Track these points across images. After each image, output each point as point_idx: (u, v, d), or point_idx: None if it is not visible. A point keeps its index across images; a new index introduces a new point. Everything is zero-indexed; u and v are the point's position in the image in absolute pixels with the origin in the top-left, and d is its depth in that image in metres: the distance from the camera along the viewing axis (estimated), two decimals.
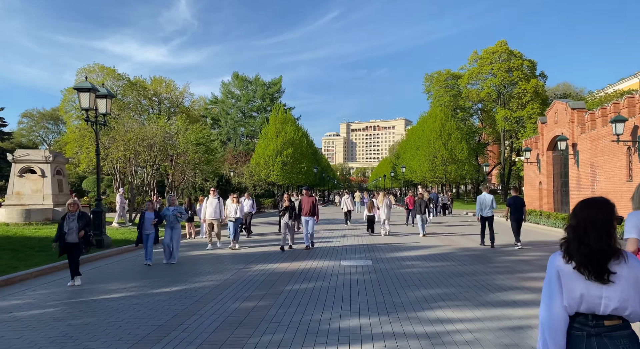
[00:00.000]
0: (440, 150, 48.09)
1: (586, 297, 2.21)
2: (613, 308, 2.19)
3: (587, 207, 2.34)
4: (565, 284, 2.26)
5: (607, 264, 2.20)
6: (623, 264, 2.20)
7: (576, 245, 2.26)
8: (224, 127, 67.85)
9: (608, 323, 2.21)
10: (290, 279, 8.45)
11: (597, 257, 2.20)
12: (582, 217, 2.30)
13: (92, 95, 12.61)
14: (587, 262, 2.21)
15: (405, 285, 7.90)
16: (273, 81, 69.09)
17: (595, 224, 2.25)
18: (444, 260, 10.75)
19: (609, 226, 2.26)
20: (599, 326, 2.21)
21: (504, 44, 54.46)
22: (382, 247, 13.15)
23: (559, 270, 2.30)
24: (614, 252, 2.21)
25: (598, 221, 2.26)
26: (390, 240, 15.24)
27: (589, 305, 2.22)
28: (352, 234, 17.84)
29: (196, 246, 14.36)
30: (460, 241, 14.82)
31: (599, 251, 2.21)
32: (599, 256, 2.20)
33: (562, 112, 26.35)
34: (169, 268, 10.23)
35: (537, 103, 50.74)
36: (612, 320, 2.21)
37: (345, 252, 12.21)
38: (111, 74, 62.49)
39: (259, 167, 51.30)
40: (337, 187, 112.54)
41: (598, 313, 2.21)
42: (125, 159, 19.57)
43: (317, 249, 12.96)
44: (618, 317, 2.21)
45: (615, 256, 2.21)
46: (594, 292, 2.20)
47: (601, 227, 2.25)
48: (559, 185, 28.09)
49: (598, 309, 2.21)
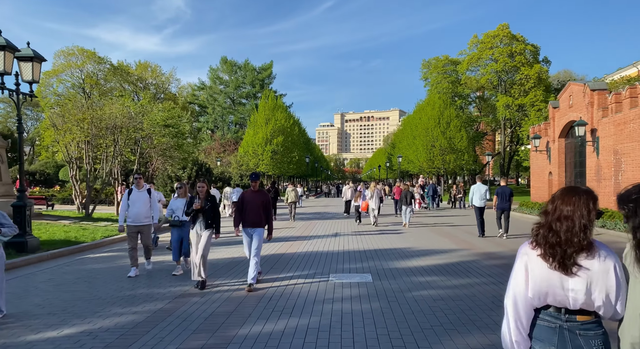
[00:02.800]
0: (439, 139, 45.52)
1: (551, 288, 2.17)
2: (582, 302, 2.14)
3: (567, 195, 2.25)
4: (531, 272, 2.20)
5: (575, 255, 2.14)
6: (596, 258, 2.14)
7: (545, 232, 2.22)
8: (212, 115, 64.66)
9: (580, 318, 2.16)
10: (251, 314, 5.68)
11: (564, 248, 2.15)
12: (558, 204, 2.24)
13: (9, 55, 9.62)
14: (553, 250, 2.17)
15: (429, 324, 5.23)
16: (263, 66, 65.83)
17: (569, 214, 2.19)
18: (469, 274, 8.09)
19: (585, 218, 2.17)
20: (571, 321, 2.17)
21: (505, 28, 51.67)
22: (383, 253, 10.48)
23: (527, 259, 2.24)
24: (584, 246, 2.15)
25: (574, 211, 2.18)
26: (392, 242, 12.58)
27: (557, 297, 2.17)
28: (345, 231, 15.18)
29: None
30: (477, 243, 12.20)
31: (567, 242, 2.15)
32: (567, 246, 2.15)
33: (578, 94, 23.73)
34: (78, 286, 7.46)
35: (540, 90, 48.16)
36: (584, 315, 2.16)
37: (336, 260, 9.52)
38: (92, 57, 58.98)
39: (247, 156, 48.49)
40: (331, 178, 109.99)
41: (569, 307, 2.16)
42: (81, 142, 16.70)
43: (301, 256, 10.26)
44: (590, 313, 2.17)
45: (586, 249, 2.15)
46: (558, 283, 2.15)
47: (576, 218, 2.17)
48: (573, 175, 25.57)
49: (568, 303, 2.16)
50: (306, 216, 22.26)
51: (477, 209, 13.82)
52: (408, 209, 16.80)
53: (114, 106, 17.77)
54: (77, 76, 60.55)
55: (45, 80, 57.92)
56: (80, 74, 60.76)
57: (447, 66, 59.88)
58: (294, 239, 13.35)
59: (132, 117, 17.28)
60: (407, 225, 16.62)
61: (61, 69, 58.07)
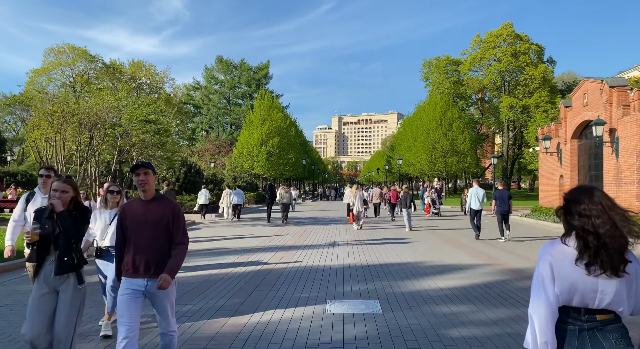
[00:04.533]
0: (441, 140, 43.94)
1: (582, 290, 2.06)
2: (607, 302, 2.06)
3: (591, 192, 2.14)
4: (560, 276, 2.09)
5: (626, 254, 2.05)
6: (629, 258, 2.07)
7: (604, 238, 2.02)
8: (206, 115, 62.89)
9: (600, 317, 2.09)
10: None
11: (623, 248, 2.05)
12: (598, 203, 2.08)
13: None
14: (608, 255, 2.01)
15: None
16: (260, 66, 64.14)
17: (615, 210, 2.07)
18: (505, 302, 6.37)
19: (624, 210, 2.10)
20: (591, 321, 2.09)
21: (509, 27, 50.21)
22: (391, 269, 8.76)
23: (552, 261, 2.11)
24: (628, 240, 2.06)
25: (616, 206, 2.09)
26: (399, 254, 10.88)
27: (583, 298, 2.08)
28: (344, 240, 13.47)
29: None
30: (500, 256, 10.50)
31: (625, 241, 2.05)
32: (625, 246, 2.05)
33: (594, 92, 22.12)
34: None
35: (545, 90, 46.69)
36: (604, 314, 2.09)
37: (334, 280, 7.80)
38: (83, 55, 57.20)
39: (242, 157, 46.76)
40: (329, 181, 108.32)
41: (591, 307, 2.08)
42: (51, 139, 14.98)
43: (292, 272, 8.55)
44: (610, 311, 2.09)
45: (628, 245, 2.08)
46: (590, 286, 2.05)
47: (620, 211, 2.07)
48: (587, 179, 23.95)
49: (592, 304, 2.08)
50: (301, 221, 20.55)
51: (474, 212, 13.88)
52: (407, 212, 16.39)
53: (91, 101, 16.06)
54: (67, 75, 58.82)
55: (34, 78, 56.14)
56: (71, 73, 59.05)
57: (449, 66, 58.37)
58: (286, 249, 11.64)
59: (108, 111, 15.55)
60: (410, 229, 16.14)
61: (51, 67, 56.27)
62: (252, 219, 22.38)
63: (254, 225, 18.81)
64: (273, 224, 19.29)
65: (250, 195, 37.61)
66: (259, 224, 19.41)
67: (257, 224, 19.40)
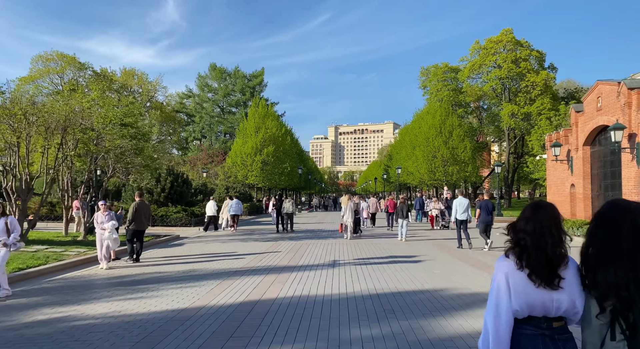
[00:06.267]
0: (441, 149, 42.47)
1: (540, 302, 2.22)
2: (564, 310, 2.22)
3: (539, 210, 2.31)
4: (516, 290, 2.23)
5: (558, 270, 2.22)
6: (569, 268, 2.24)
7: (533, 252, 2.23)
8: (199, 123, 61.17)
9: (556, 324, 2.24)
10: None
11: (552, 264, 2.21)
12: (537, 222, 2.27)
13: None
14: (541, 269, 2.21)
15: None
16: (254, 73, 62.66)
17: (550, 230, 2.25)
18: None
19: (561, 230, 2.27)
20: (549, 328, 2.23)
21: (509, 33, 49.13)
22: (407, 300, 7.05)
23: (507, 275, 2.26)
24: (565, 257, 2.24)
25: (553, 226, 2.25)
26: (413, 276, 9.17)
27: (542, 308, 2.23)
28: (345, 258, 11.73)
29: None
30: None
31: (555, 258, 2.22)
32: (554, 262, 2.22)
33: (610, 95, 20.66)
34: None
35: (547, 97, 45.41)
36: (559, 321, 2.25)
37: (337, 319, 6.07)
38: (72, 63, 55.54)
39: (235, 167, 45.02)
40: (325, 191, 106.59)
41: (550, 315, 2.23)
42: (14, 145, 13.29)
43: (283, 307, 6.84)
44: (562, 318, 2.25)
45: (565, 261, 2.23)
46: (546, 297, 2.21)
47: (556, 232, 2.25)
48: (601, 188, 22.39)
49: (551, 312, 2.23)
50: (297, 235, 18.79)
51: (460, 222, 14.12)
52: (404, 223, 16.27)
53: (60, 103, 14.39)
54: (56, 83, 57.11)
55: (21, 86, 54.28)
56: (59, 81, 57.35)
57: (447, 74, 57.18)
58: (278, 270, 9.90)
59: (82, 113, 13.84)
60: (404, 239, 16.16)
61: (38, 75, 54.55)
62: (245, 231, 20.64)
63: (244, 240, 17.06)
64: (266, 238, 17.55)
65: (243, 206, 35.82)
66: (249, 238, 17.64)
67: (247, 238, 17.64)
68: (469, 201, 14.73)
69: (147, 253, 13.09)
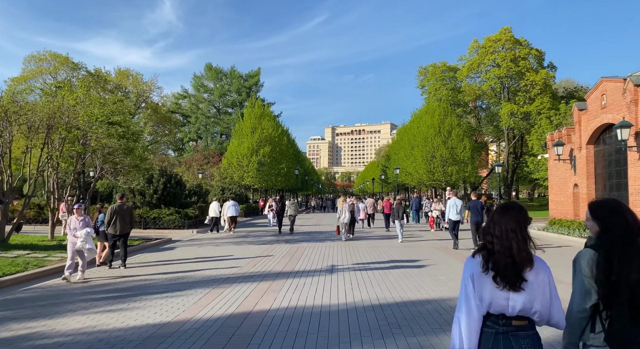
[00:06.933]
0: (440, 149, 41.86)
1: (495, 300, 2.30)
2: (519, 309, 2.29)
3: (505, 213, 2.38)
4: (477, 289, 2.33)
5: (523, 273, 2.28)
6: (534, 271, 2.30)
7: (499, 256, 2.30)
8: (195, 124, 60.40)
9: (516, 322, 2.31)
10: None
11: (518, 268, 2.28)
12: (502, 225, 2.34)
13: None
14: (506, 272, 2.28)
15: None
16: (250, 73, 61.95)
17: (516, 233, 2.31)
18: None
19: (526, 233, 2.34)
20: (507, 325, 2.31)
21: (508, 32, 48.63)
22: (414, 312, 6.44)
23: (473, 274, 2.35)
24: (531, 260, 2.31)
25: (518, 230, 2.32)
26: (419, 285, 8.55)
27: (498, 307, 2.31)
28: (344, 262, 11.09)
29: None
30: None
31: (521, 261, 2.28)
32: (520, 266, 2.28)
33: (615, 92, 20.12)
34: None
35: (547, 96, 44.91)
36: (520, 320, 2.32)
37: (336, 335, 5.43)
38: (65, 63, 54.71)
39: (231, 168, 44.32)
40: (322, 192, 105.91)
41: (507, 314, 2.31)
42: None
43: (276, 320, 6.21)
44: (525, 318, 2.33)
45: (530, 264, 2.30)
46: (501, 296, 2.29)
47: (521, 235, 2.31)
48: (606, 188, 21.84)
49: (506, 311, 2.31)
50: (293, 238, 18.14)
51: (453, 223, 14.43)
52: (400, 224, 16.35)
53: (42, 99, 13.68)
54: (49, 83, 56.28)
55: (12, 87, 53.43)
56: (53, 81, 56.53)
57: (445, 73, 56.63)
58: (272, 277, 9.25)
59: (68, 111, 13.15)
60: (402, 240, 16.24)
61: (31, 76, 53.69)
62: (240, 234, 19.98)
63: (238, 243, 16.40)
64: (262, 241, 16.90)
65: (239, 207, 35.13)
66: (244, 241, 16.98)
67: (242, 241, 16.98)
68: (462, 202, 14.81)
69: (136, 258, 12.43)
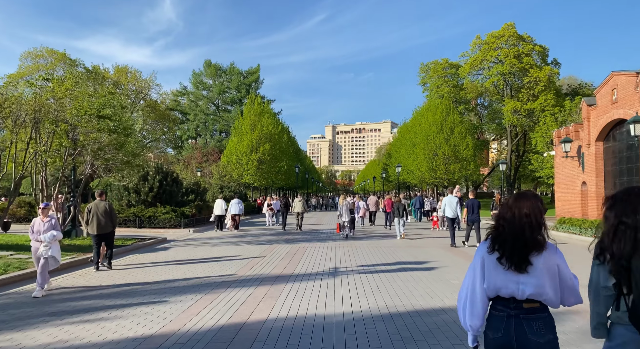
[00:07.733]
0: (442, 146, 41.12)
1: (505, 283, 2.35)
2: (529, 293, 2.32)
3: (521, 200, 2.42)
4: (487, 272, 2.40)
5: (529, 255, 2.33)
6: (542, 255, 2.33)
7: (508, 237, 2.36)
8: (193, 121, 59.65)
9: (527, 305, 2.34)
10: None
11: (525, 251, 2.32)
12: (517, 210, 2.38)
13: None
14: (512, 253, 2.33)
15: None
16: (250, 70, 61.19)
17: (529, 218, 2.35)
18: None
19: (542, 219, 2.38)
20: (518, 308, 2.34)
21: (511, 27, 47.87)
22: (429, 323, 5.77)
23: (483, 258, 2.44)
24: (541, 245, 2.34)
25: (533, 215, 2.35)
26: (429, 289, 7.87)
27: (508, 290, 2.35)
28: (347, 264, 10.41)
29: None
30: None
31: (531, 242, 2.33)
32: (528, 248, 2.33)
33: (627, 86, 19.41)
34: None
35: (551, 93, 44.15)
36: (531, 303, 2.34)
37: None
38: (62, 59, 53.93)
39: (230, 166, 43.60)
40: (323, 191, 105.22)
41: (517, 297, 2.34)
42: None
43: (274, 332, 5.55)
44: (536, 301, 2.35)
45: (539, 248, 2.33)
46: (512, 279, 2.34)
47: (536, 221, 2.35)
48: (616, 186, 21.13)
49: (517, 294, 2.34)
50: (293, 238, 17.45)
51: (450, 220, 14.70)
52: (400, 221, 16.59)
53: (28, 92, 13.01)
54: (39, 76, 55.56)
55: (8, 83, 52.72)
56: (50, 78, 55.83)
57: (447, 70, 55.91)
58: (270, 281, 8.55)
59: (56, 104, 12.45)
60: (402, 236, 16.53)
61: (27, 72, 52.90)
62: (238, 233, 19.29)
63: (236, 243, 15.71)
64: (260, 241, 16.21)
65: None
66: (242, 241, 16.29)
67: (239, 241, 16.29)
68: (458, 199, 14.98)
69: (127, 259, 11.74)
